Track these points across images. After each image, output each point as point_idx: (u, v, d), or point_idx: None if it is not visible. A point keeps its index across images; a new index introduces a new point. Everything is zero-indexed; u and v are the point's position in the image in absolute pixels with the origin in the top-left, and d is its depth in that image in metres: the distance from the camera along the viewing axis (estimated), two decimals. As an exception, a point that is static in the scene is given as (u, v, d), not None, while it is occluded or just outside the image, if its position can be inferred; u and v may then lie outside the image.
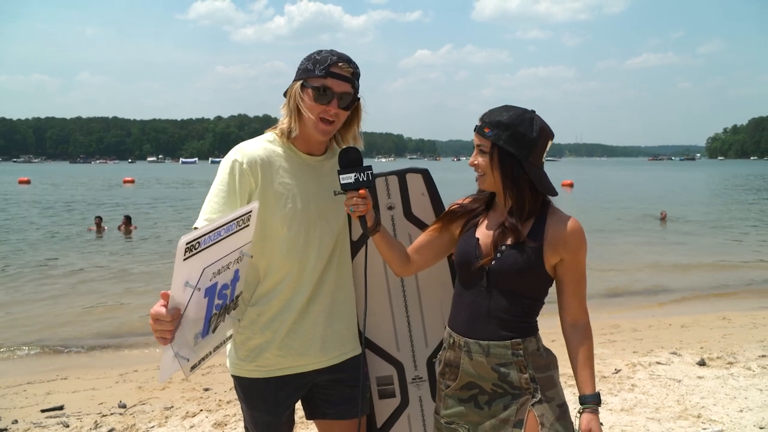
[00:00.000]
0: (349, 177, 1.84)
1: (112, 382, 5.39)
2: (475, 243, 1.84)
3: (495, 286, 1.79)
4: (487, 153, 1.79)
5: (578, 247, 1.78)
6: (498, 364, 1.78)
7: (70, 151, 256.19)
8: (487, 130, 1.78)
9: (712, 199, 30.57)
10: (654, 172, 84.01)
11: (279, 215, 1.93)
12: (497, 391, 1.79)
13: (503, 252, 1.78)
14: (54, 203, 27.98)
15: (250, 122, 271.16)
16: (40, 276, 10.76)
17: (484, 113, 1.83)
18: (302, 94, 1.91)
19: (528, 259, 1.75)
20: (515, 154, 1.75)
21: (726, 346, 5.92)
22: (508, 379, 1.77)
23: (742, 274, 10.84)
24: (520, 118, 1.76)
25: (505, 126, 1.76)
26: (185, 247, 1.47)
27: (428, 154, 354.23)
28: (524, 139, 1.75)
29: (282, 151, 1.99)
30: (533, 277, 1.77)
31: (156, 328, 1.52)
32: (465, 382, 1.84)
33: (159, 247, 14.19)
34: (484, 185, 1.86)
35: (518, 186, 1.77)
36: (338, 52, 1.92)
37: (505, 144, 1.75)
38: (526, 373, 1.76)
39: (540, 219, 1.80)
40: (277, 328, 1.96)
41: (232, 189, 1.89)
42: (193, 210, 24.15)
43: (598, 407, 1.76)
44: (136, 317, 7.95)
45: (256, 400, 2.03)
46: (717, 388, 4.62)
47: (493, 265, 1.78)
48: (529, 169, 1.77)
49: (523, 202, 1.79)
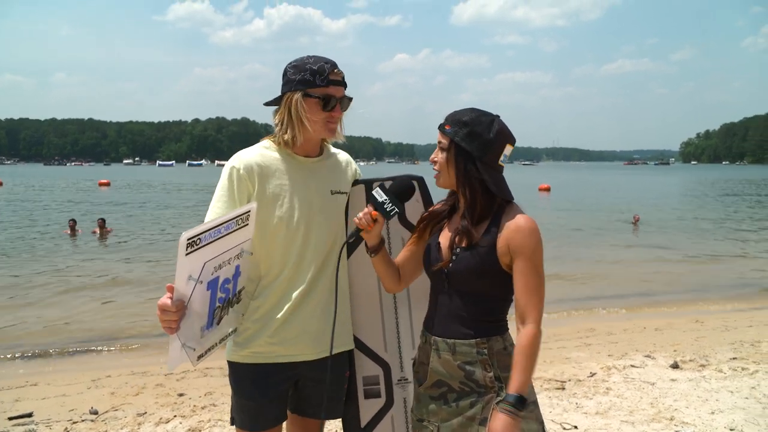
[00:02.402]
0: (381, 196, 1.91)
1: (84, 387, 5.28)
2: (437, 246, 1.89)
3: (454, 287, 1.83)
4: (446, 149, 1.84)
5: (527, 245, 1.75)
6: (464, 362, 1.81)
7: (44, 153, 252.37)
8: (447, 128, 1.83)
9: (686, 203, 31.08)
10: (629, 176, 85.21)
11: (277, 215, 2.04)
12: (464, 389, 1.81)
13: (458, 255, 1.82)
14: (26, 205, 27.47)
15: (228, 125, 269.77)
16: (11, 281, 10.55)
17: (450, 113, 1.87)
18: (304, 104, 2.00)
19: (481, 260, 1.78)
20: (470, 151, 1.79)
21: (698, 348, 6.01)
22: (473, 377, 1.79)
23: (715, 277, 11.06)
24: (480, 119, 1.81)
25: (463, 124, 1.80)
26: (186, 242, 1.59)
27: (406, 158, 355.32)
28: (480, 138, 1.79)
29: (278, 155, 2.09)
30: (490, 277, 1.79)
31: (163, 319, 1.68)
32: (434, 380, 1.86)
33: (135, 251, 14.02)
34: (439, 182, 1.91)
35: (470, 185, 1.80)
36: (326, 58, 2.04)
37: (461, 141, 1.80)
38: (490, 371, 1.78)
39: (495, 220, 1.81)
40: (272, 319, 2.06)
41: (232, 194, 2.02)
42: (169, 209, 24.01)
43: (516, 411, 1.66)
44: (108, 321, 7.84)
45: (245, 385, 2.10)
46: (690, 390, 4.68)
47: (450, 267, 1.83)
48: (483, 169, 1.79)
49: (474, 203, 1.81)
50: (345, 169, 2.25)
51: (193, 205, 28.36)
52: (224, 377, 5.22)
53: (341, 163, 2.25)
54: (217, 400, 4.77)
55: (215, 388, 5.05)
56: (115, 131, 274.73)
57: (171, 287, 1.66)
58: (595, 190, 44.36)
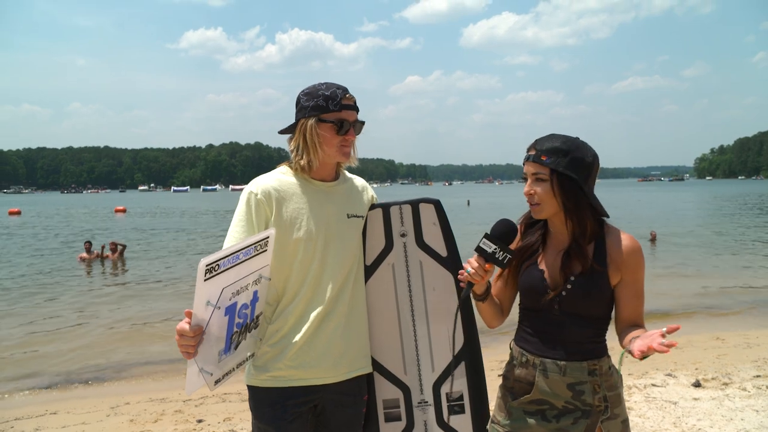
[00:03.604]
0: (490, 246, 1.85)
1: (103, 415, 5.30)
2: (541, 275, 1.87)
3: (568, 313, 1.83)
4: (546, 180, 1.81)
5: (637, 265, 1.82)
6: (574, 383, 1.82)
7: (61, 181, 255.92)
8: (544, 158, 1.81)
9: (703, 219, 30.75)
10: (644, 192, 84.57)
11: (294, 239, 2.06)
12: (568, 408, 1.83)
13: (573, 282, 1.82)
14: (44, 233, 27.80)
15: (241, 150, 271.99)
16: (30, 309, 10.65)
17: (533, 143, 1.86)
18: (318, 129, 2.05)
19: (597, 285, 1.80)
20: (576, 178, 1.79)
21: (720, 366, 5.92)
22: (582, 397, 1.82)
23: (735, 294, 10.87)
24: (575, 144, 1.82)
25: (563, 152, 1.79)
26: (205, 268, 1.62)
27: (419, 179, 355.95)
28: (583, 164, 1.80)
29: (295, 180, 2.13)
30: (603, 299, 1.82)
31: (181, 343, 1.71)
32: (537, 398, 1.87)
33: (151, 275, 14.10)
34: (541, 214, 1.87)
35: (580, 210, 1.81)
36: (338, 84, 2.10)
37: (566, 169, 1.79)
38: (599, 392, 1.82)
39: (600, 241, 1.83)
40: (290, 342, 2.07)
41: (250, 219, 2.06)
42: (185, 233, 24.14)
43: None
44: (125, 348, 7.87)
45: (265, 409, 2.10)
46: (713, 409, 4.61)
47: (564, 295, 1.82)
48: (589, 193, 1.81)
49: (585, 226, 1.83)
50: (361, 193, 2.28)
51: (202, 230, 28.52)
52: (242, 402, 5.22)
53: (357, 188, 2.29)
54: (236, 425, 4.76)
55: (234, 414, 5.04)
56: (130, 158, 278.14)
57: (189, 312, 1.69)
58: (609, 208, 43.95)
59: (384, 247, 2.24)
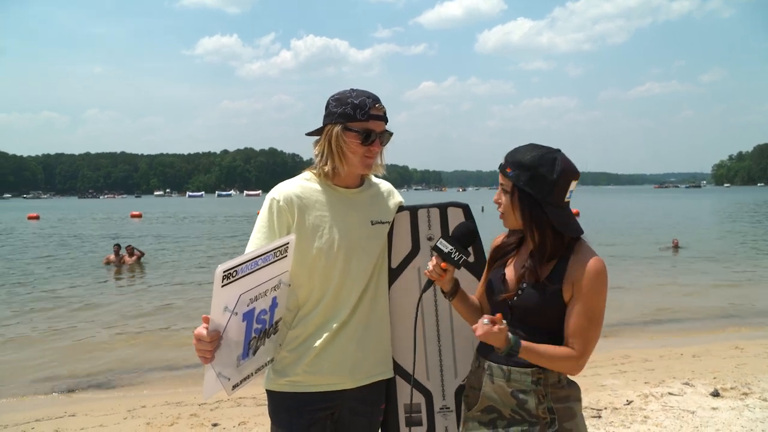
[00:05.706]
0: (447, 247, 1.87)
1: (120, 418, 5.35)
2: (502, 277, 1.89)
3: (517, 319, 1.82)
4: (509, 193, 1.81)
5: (592, 289, 1.73)
6: (518, 390, 1.80)
7: (78, 186, 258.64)
8: (509, 170, 1.79)
9: (724, 228, 30.37)
10: (661, 200, 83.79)
11: (316, 246, 2.05)
12: (515, 418, 1.80)
13: (524, 289, 1.81)
14: (62, 237, 28.13)
15: (256, 155, 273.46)
16: (50, 314, 10.77)
17: (509, 152, 1.83)
18: (344, 137, 2.01)
19: (546, 298, 1.76)
20: (534, 195, 1.76)
21: (740, 376, 5.84)
22: (525, 406, 1.78)
23: (755, 303, 10.71)
24: (542, 159, 1.75)
25: (526, 167, 1.75)
26: (222, 275, 1.62)
27: (433, 185, 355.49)
28: (544, 181, 1.74)
29: (319, 187, 2.11)
30: (553, 314, 1.78)
31: (198, 348, 1.72)
32: (485, 406, 1.86)
33: (168, 280, 14.22)
34: (506, 224, 1.88)
35: (540, 228, 1.78)
36: (368, 93, 2.05)
37: (525, 185, 1.76)
38: (544, 403, 1.77)
39: (563, 259, 1.79)
40: (309, 348, 2.07)
41: (271, 225, 2.04)
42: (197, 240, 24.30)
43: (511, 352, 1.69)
44: (143, 351, 7.94)
45: (282, 414, 2.11)
46: (732, 419, 4.55)
47: (515, 301, 1.82)
48: (549, 210, 1.76)
49: (544, 244, 1.78)
50: (387, 198, 2.26)
51: (223, 234, 28.67)
52: (257, 407, 5.25)
53: (383, 193, 2.26)
54: (251, 429, 4.79)
55: (249, 418, 5.06)
56: (146, 164, 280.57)
57: (207, 318, 1.70)
58: (627, 215, 43.70)
59: (410, 251, 2.23)
